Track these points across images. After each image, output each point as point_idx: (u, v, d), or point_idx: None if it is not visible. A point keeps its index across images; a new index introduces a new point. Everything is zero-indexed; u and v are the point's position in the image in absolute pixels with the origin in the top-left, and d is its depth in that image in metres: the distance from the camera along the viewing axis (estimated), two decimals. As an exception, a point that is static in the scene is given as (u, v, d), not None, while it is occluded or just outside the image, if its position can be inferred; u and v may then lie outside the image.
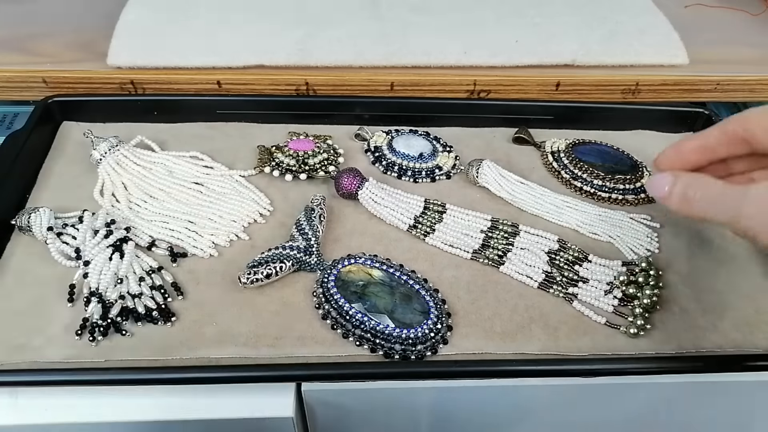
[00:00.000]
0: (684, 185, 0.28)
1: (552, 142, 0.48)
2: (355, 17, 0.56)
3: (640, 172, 0.46)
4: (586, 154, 0.47)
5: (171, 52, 0.52)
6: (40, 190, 0.43)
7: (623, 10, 0.58)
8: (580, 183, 0.45)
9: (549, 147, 0.48)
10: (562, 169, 0.46)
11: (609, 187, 0.45)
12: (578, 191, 0.45)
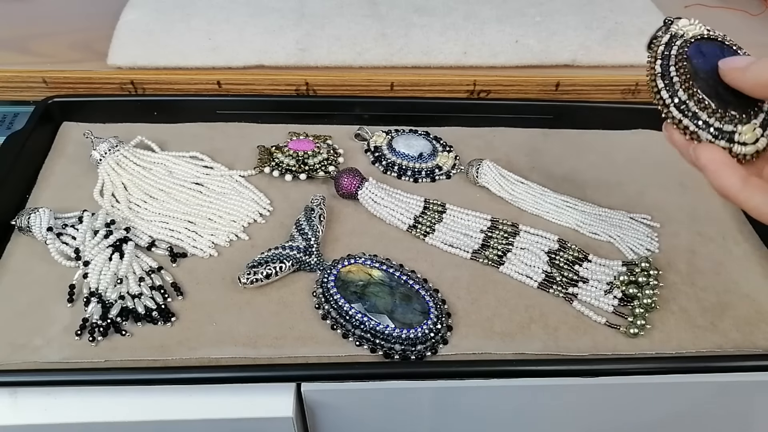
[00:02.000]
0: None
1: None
2: (354, 17, 0.56)
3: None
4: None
5: (171, 52, 0.52)
6: (40, 190, 0.43)
7: (623, 11, 0.58)
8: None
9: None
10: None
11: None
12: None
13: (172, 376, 0.33)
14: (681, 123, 0.29)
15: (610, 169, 0.48)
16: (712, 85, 0.29)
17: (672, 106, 0.29)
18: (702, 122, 0.29)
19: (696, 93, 0.29)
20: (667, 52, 0.30)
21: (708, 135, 0.29)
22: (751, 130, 0.28)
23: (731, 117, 0.28)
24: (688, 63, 0.30)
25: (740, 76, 0.28)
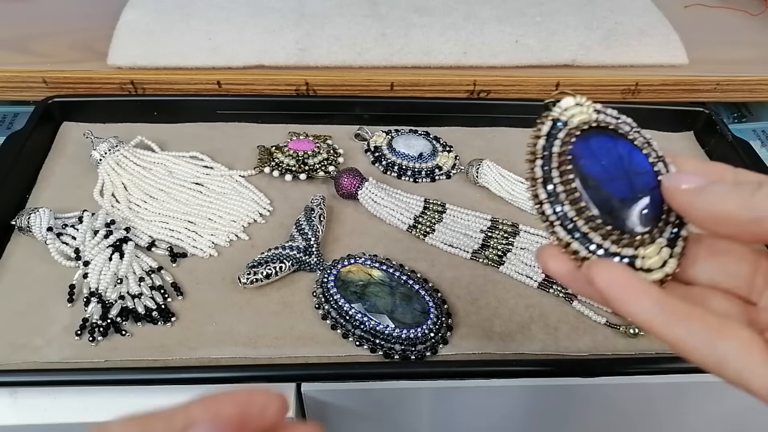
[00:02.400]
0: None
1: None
2: (354, 17, 0.56)
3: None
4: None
5: (171, 52, 0.52)
6: (40, 190, 0.43)
7: (623, 11, 0.58)
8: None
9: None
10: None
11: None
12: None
13: (172, 376, 0.33)
14: (569, 246, 0.22)
15: (610, 169, 0.48)
16: (605, 195, 0.22)
17: (557, 226, 0.22)
18: (594, 246, 0.22)
19: (585, 208, 0.22)
20: (547, 149, 0.23)
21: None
22: (656, 253, 0.22)
23: (631, 238, 0.22)
24: (575, 165, 0.23)
25: (690, 200, 0.21)
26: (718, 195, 0.20)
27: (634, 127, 0.25)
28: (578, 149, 0.23)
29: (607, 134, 0.24)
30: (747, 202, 0.19)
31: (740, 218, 0.19)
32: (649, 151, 0.24)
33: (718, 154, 0.49)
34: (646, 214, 0.23)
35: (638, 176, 0.23)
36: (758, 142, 0.57)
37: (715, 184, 0.20)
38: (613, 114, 0.25)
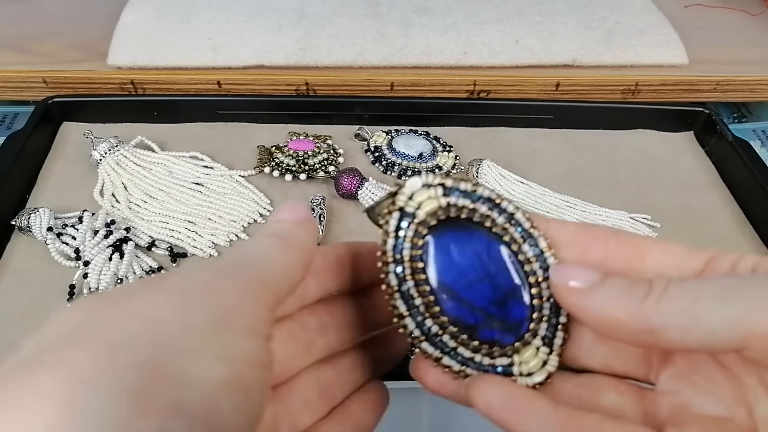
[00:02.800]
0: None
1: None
2: (354, 17, 0.56)
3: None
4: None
5: (171, 52, 0.52)
6: (40, 190, 0.43)
7: (623, 10, 0.58)
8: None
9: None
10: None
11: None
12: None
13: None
14: (441, 361, 0.20)
15: (610, 169, 0.48)
16: (466, 304, 0.20)
17: (424, 342, 0.20)
18: (465, 358, 0.20)
19: (447, 323, 0.20)
20: (398, 250, 0.20)
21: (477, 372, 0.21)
22: (533, 356, 0.20)
23: (502, 348, 0.20)
24: (429, 272, 0.20)
25: (579, 303, 0.18)
26: (607, 300, 0.18)
27: (493, 199, 0.21)
28: (430, 250, 0.21)
29: (460, 226, 0.21)
30: (637, 310, 0.17)
31: (631, 327, 0.17)
32: (512, 233, 0.21)
33: (718, 154, 0.49)
34: (515, 319, 0.21)
35: (501, 273, 0.21)
36: (758, 142, 0.57)
37: (604, 286, 0.18)
38: (467, 188, 0.21)
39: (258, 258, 0.17)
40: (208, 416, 0.13)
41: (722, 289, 0.17)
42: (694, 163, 0.49)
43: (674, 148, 0.51)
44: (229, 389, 0.14)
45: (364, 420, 0.22)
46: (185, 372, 0.13)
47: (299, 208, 0.20)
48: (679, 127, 0.52)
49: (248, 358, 0.15)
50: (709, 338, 0.16)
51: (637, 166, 0.49)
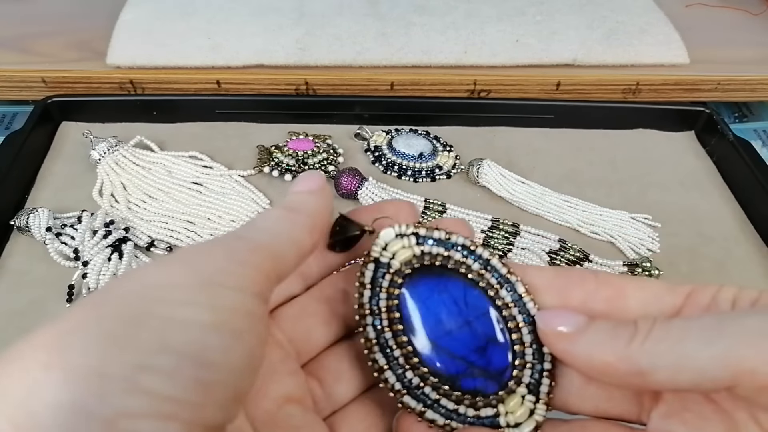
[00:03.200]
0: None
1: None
2: (354, 16, 0.56)
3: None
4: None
5: (170, 51, 0.52)
6: (39, 190, 0.43)
7: (624, 10, 0.58)
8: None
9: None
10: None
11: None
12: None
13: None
14: (425, 416, 0.20)
15: (611, 168, 0.48)
16: (445, 353, 0.20)
17: (406, 396, 0.20)
18: (450, 411, 0.20)
19: (428, 374, 0.20)
20: (375, 302, 0.20)
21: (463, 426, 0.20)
22: (519, 405, 0.20)
23: (486, 399, 0.20)
24: (407, 323, 0.20)
25: (568, 348, 0.19)
26: (595, 344, 0.18)
27: (467, 246, 0.21)
28: (407, 301, 0.20)
29: (435, 273, 0.21)
30: (624, 353, 0.17)
31: (619, 370, 0.17)
32: (489, 279, 0.21)
33: (718, 154, 0.49)
34: (497, 366, 0.20)
35: (480, 320, 0.20)
36: (759, 141, 0.57)
37: (591, 330, 0.18)
38: (441, 237, 0.21)
39: (257, 228, 0.18)
40: (196, 353, 0.14)
41: (707, 327, 0.17)
42: (695, 162, 0.49)
43: (675, 148, 0.51)
44: (217, 330, 0.14)
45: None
46: (170, 317, 0.14)
47: (313, 178, 0.20)
48: (680, 127, 0.52)
49: (234, 306, 0.15)
50: (699, 377, 0.16)
51: (637, 165, 0.48)
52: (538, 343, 0.20)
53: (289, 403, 0.19)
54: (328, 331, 0.21)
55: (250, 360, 0.15)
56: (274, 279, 0.17)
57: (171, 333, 0.14)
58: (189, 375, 0.13)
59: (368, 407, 0.21)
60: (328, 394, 0.20)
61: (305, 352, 0.21)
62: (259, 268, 0.16)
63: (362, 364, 0.21)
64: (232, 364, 0.14)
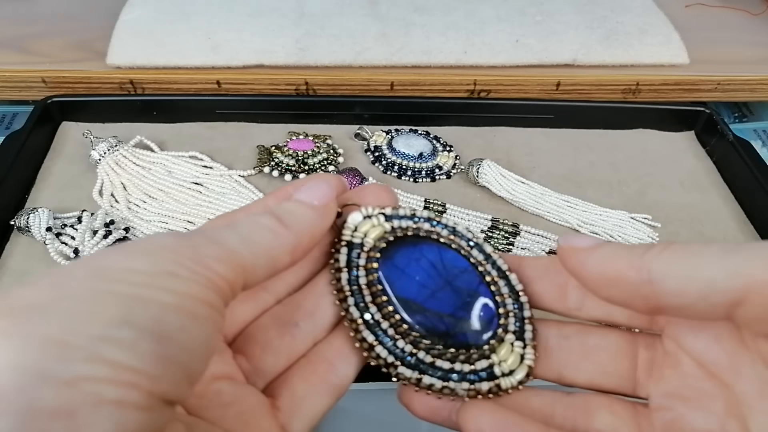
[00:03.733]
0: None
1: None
2: (355, 16, 0.56)
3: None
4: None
5: (170, 51, 0.52)
6: (39, 190, 0.43)
7: (624, 10, 0.58)
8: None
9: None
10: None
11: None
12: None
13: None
14: (422, 382, 0.20)
15: (611, 168, 0.48)
16: (433, 315, 0.20)
17: (400, 366, 0.20)
18: (446, 372, 0.20)
19: (420, 338, 0.20)
20: (354, 282, 0.21)
21: (464, 386, 0.20)
22: (509, 352, 0.20)
23: (479, 350, 0.20)
24: (389, 293, 0.20)
25: (583, 259, 0.19)
26: (609, 254, 0.18)
27: (432, 218, 0.22)
28: (386, 272, 0.21)
29: (409, 242, 0.21)
30: (637, 262, 0.18)
31: (630, 278, 0.18)
32: (459, 241, 0.22)
33: (719, 154, 0.49)
34: (484, 318, 0.21)
35: (459, 278, 0.21)
36: (759, 141, 0.57)
37: (608, 245, 0.19)
38: (407, 213, 0.22)
39: (237, 235, 0.17)
40: (156, 329, 0.14)
41: (723, 246, 0.17)
42: (694, 163, 0.49)
43: (675, 148, 0.51)
44: (176, 311, 0.15)
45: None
46: (132, 295, 0.14)
47: (321, 189, 0.20)
48: (680, 127, 0.52)
49: (193, 294, 0.15)
50: (708, 288, 0.16)
51: (637, 165, 0.48)
52: (515, 293, 0.21)
53: (217, 380, 0.19)
54: (253, 306, 0.21)
55: (205, 344, 0.15)
56: (237, 288, 0.17)
57: (132, 309, 0.14)
58: (148, 348, 0.14)
59: (307, 370, 0.20)
60: (257, 366, 0.20)
61: (230, 331, 0.21)
62: (223, 277, 0.16)
63: (290, 331, 0.21)
64: (189, 343, 0.15)
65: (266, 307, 0.21)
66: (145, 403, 0.13)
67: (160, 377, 0.14)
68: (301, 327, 0.21)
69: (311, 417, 0.20)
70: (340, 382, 0.20)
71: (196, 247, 0.16)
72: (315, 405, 0.20)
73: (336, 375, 0.20)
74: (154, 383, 0.14)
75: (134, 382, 0.13)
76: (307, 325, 0.21)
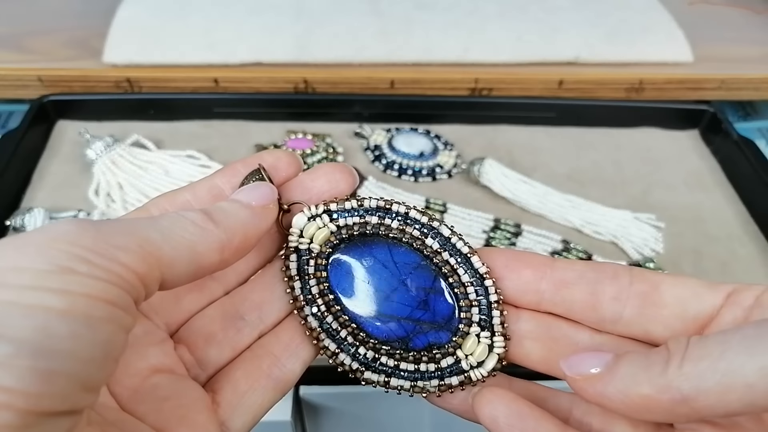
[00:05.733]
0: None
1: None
2: (354, 13, 0.55)
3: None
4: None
5: (167, 49, 0.51)
6: (35, 190, 0.43)
7: (627, 7, 0.58)
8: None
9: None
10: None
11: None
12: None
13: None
14: (389, 384, 0.20)
15: (614, 168, 0.48)
16: (388, 319, 0.20)
17: (366, 372, 0.20)
18: (411, 373, 0.20)
19: (380, 344, 0.20)
20: (306, 290, 0.20)
21: (433, 383, 0.20)
22: (476, 345, 0.20)
23: (443, 349, 0.20)
24: (342, 301, 0.20)
25: (602, 392, 0.17)
26: (628, 379, 0.16)
27: (382, 207, 0.21)
28: (336, 280, 0.20)
29: (357, 243, 0.20)
30: (661, 383, 0.16)
31: (663, 403, 0.16)
32: (411, 232, 0.20)
33: (722, 153, 0.49)
34: (443, 314, 0.20)
35: (412, 276, 0.20)
36: (763, 140, 0.56)
37: (622, 364, 0.17)
38: (353, 206, 0.21)
39: (157, 226, 0.16)
40: (38, 340, 0.13)
41: (748, 336, 0.15)
42: (698, 162, 0.49)
43: (679, 147, 0.50)
44: (65, 317, 0.13)
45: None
46: (10, 302, 0.13)
47: (260, 191, 0.19)
48: (684, 126, 0.51)
49: (91, 293, 0.14)
50: (751, 395, 0.15)
51: (641, 164, 0.48)
52: (479, 278, 0.20)
53: (155, 374, 0.18)
54: (199, 296, 0.20)
55: (105, 349, 0.14)
56: (152, 283, 0.16)
57: (8, 320, 0.13)
58: (26, 364, 0.13)
59: (251, 364, 0.20)
60: (200, 358, 0.20)
61: (174, 321, 0.20)
62: (132, 270, 0.15)
63: (234, 323, 0.20)
64: (81, 351, 0.13)
65: (213, 298, 0.21)
66: (23, 423, 0.12)
67: (41, 393, 0.13)
68: (246, 320, 0.20)
69: (253, 413, 0.19)
70: (286, 378, 0.20)
71: (102, 236, 0.15)
72: (257, 401, 0.19)
73: (281, 370, 0.20)
74: (34, 401, 0.13)
75: (7, 402, 0.12)
76: (253, 318, 0.20)
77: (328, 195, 0.21)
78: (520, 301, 0.20)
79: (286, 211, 0.21)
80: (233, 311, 0.20)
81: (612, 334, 0.20)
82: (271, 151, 0.21)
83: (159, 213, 0.19)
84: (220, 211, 0.18)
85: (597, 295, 0.19)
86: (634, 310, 0.19)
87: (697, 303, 0.18)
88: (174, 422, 0.17)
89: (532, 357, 0.20)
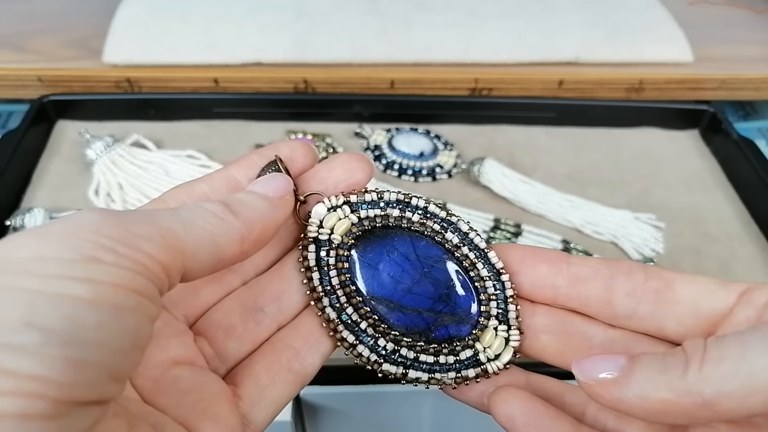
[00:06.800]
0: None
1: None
2: (354, 13, 0.55)
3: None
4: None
5: (167, 49, 0.51)
6: (35, 190, 0.43)
7: (627, 7, 0.58)
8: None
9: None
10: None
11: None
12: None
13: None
14: (407, 376, 0.20)
15: (614, 167, 0.48)
16: (411, 312, 0.20)
17: (384, 363, 0.20)
18: (430, 365, 0.20)
19: (401, 336, 0.20)
20: (326, 281, 0.20)
21: (450, 375, 0.20)
22: (493, 338, 0.20)
23: (463, 341, 0.20)
24: (364, 293, 0.20)
25: (619, 394, 0.16)
26: (645, 383, 0.16)
27: (402, 200, 0.21)
28: (358, 270, 0.20)
29: (379, 235, 0.20)
30: (681, 386, 0.15)
31: (682, 406, 0.15)
32: (431, 226, 0.21)
33: (723, 153, 0.49)
34: (464, 308, 0.20)
35: (434, 268, 0.20)
36: (763, 140, 0.56)
37: (638, 368, 0.16)
38: (374, 198, 0.20)
39: (179, 217, 0.16)
40: (67, 329, 0.13)
41: (760, 335, 0.15)
42: (698, 162, 0.49)
43: (679, 147, 0.50)
44: (93, 306, 0.13)
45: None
46: (39, 290, 0.13)
47: (276, 182, 0.19)
48: (684, 126, 0.51)
49: (117, 282, 0.14)
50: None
51: (641, 164, 0.48)
52: (496, 273, 0.20)
53: (176, 366, 0.18)
54: (217, 288, 0.20)
55: (132, 339, 0.14)
56: (175, 273, 0.15)
57: (37, 308, 0.13)
58: (56, 353, 0.12)
59: (272, 357, 0.20)
60: (219, 350, 0.19)
61: (193, 313, 0.20)
62: (156, 260, 0.15)
63: (254, 316, 0.20)
64: (109, 340, 0.13)
65: (231, 289, 0.20)
66: (55, 412, 0.12)
67: (72, 383, 0.13)
68: (266, 312, 0.20)
69: (274, 407, 0.19)
70: (305, 372, 0.20)
71: (125, 225, 0.15)
72: (278, 394, 0.19)
73: (301, 364, 0.20)
74: (65, 390, 0.12)
75: (40, 391, 0.12)
76: (272, 310, 0.20)
77: (344, 185, 0.21)
78: (536, 295, 0.21)
79: (303, 202, 0.21)
80: (252, 303, 0.20)
81: (625, 330, 0.20)
82: (287, 141, 0.21)
83: (176, 204, 0.19)
84: (239, 203, 0.18)
85: (612, 291, 0.20)
86: (648, 307, 0.19)
87: (710, 301, 0.19)
88: (196, 415, 0.17)
89: (548, 351, 0.21)
